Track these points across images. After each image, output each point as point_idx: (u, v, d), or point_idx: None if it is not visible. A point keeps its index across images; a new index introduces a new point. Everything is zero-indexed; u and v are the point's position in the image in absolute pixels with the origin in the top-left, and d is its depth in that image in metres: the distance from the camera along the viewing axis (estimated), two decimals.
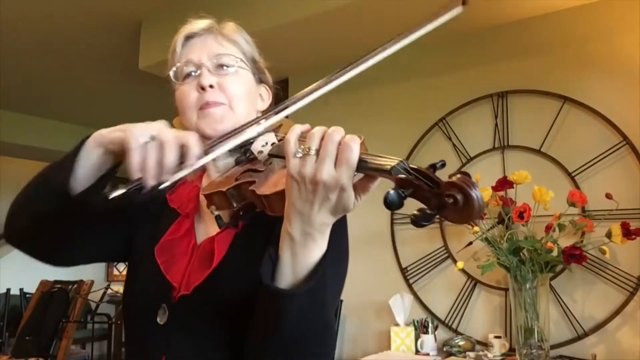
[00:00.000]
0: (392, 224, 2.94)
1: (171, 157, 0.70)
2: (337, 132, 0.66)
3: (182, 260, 0.88)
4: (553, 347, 2.28)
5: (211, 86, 0.89)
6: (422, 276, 2.82)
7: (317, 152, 0.65)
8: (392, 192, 0.59)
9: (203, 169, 0.98)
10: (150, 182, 0.70)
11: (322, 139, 0.65)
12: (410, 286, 2.84)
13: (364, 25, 2.72)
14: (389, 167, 0.61)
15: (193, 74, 0.91)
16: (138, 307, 0.89)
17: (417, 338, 2.56)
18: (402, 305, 2.66)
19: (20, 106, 4.95)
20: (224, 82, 0.90)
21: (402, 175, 0.60)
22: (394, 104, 3.05)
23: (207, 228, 0.92)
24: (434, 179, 0.59)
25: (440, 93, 2.87)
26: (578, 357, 2.32)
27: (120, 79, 4.13)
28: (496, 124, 2.69)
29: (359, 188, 0.67)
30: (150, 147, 0.70)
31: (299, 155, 0.66)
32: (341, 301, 2.97)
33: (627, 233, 2.11)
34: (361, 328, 2.98)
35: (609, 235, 2.16)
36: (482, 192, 2.29)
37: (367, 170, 0.65)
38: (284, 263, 0.69)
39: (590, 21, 2.50)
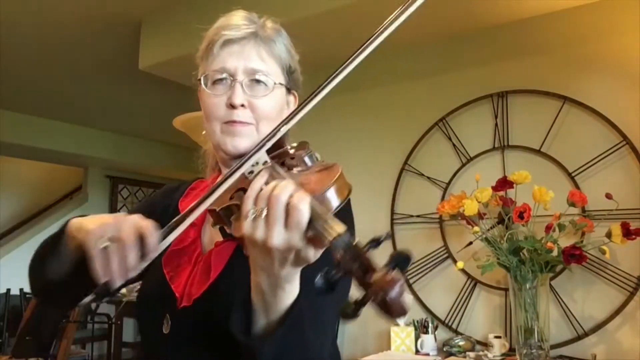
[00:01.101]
0: (392, 224, 2.94)
1: (132, 257, 0.69)
2: (284, 192, 0.61)
3: (186, 270, 0.88)
4: (553, 347, 2.28)
5: (242, 105, 0.86)
6: (422, 276, 2.82)
7: (267, 215, 0.62)
8: (319, 278, 0.55)
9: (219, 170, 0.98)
10: (118, 282, 0.70)
11: (269, 199, 0.62)
12: (410, 286, 2.84)
13: (364, 24, 2.72)
14: (328, 240, 0.57)
15: (224, 83, 0.87)
16: (147, 316, 0.91)
17: (417, 338, 2.56)
18: None
19: (20, 106, 4.95)
20: (256, 103, 0.87)
21: (339, 253, 0.55)
22: (394, 104, 3.05)
23: (212, 236, 0.91)
24: (369, 266, 0.53)
25: (440, 93, 2.87)
26: (578, 357, 2.32)
27: (120, 79, 4.13)
28: (496, 124, 2.69)
29: (315, 243, 0.63)
30: (111, 250, 0.70)
31: (251, 216, 0.63)
32: None
33: (627, 233, 2.10)
34: (361, 328, 2.98)
35: (609, 235, 2.15)
36: (482, 192, 2.30)
37: (316, 233, 0.60)
38: (257, 308, 0.69)
39: (590, 21, 2.50)
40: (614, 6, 2.43)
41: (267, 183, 0.67)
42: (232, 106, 0.85)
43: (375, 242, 0.55)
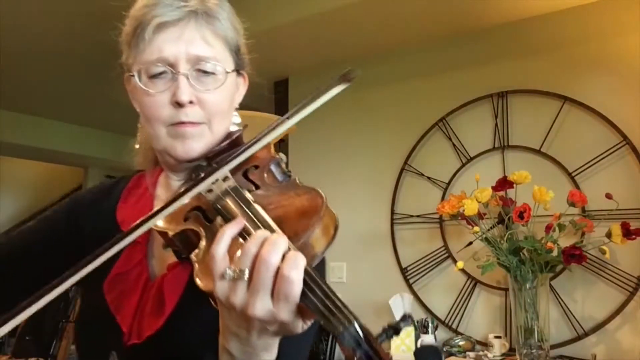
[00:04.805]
0: (392, 224, 2.93)
1: None
2: (274, 252, 0.50)
3: (133, 298, 0.74)
4: (553, 347, 2.28)
5: (191, 102, 0.72)
6: (422, 276, 2.82)
7: (250, 278, 0.51)
8: None
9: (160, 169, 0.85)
10: None
11: (255, 260, 0.51)
12: (410, 286, 2.84)
13: (363, 25, 2.72)
14: (337, 330, 0.48)
15: (164, 77, 0.72)
16: (88, 349, 0.79)
17: (417, 338, 2.56)
18: (402, 305, 2.66)
19: (20, 106, 4.95)
20: (206, 98, 0.73)
21: (349, 348, 0.47)
22: (394, 104, 3.05)
23: (163, 256, 0.76)
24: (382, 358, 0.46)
25: (440, 93, 2.87)
26: (578, 357, 2.32)
27: (120, 79, 4.13)
28: (496, 124, 2.69)
29: (307, 316, 0.53)
30: None
31: (228, 277, 0.52)
32: None
33: (627, 233, 2.11)
34: None
35: (609, 235, 2.16)
36: (482, 192, 2.30)
37: (313, 308, 0.49)
38: None
39: (590, 21, 2.50)
40: (614, 6, 2.43)
41: (229, 218, 0.55)
42: (178, 104, 0.71)
43: (394, 331, 0.48)
